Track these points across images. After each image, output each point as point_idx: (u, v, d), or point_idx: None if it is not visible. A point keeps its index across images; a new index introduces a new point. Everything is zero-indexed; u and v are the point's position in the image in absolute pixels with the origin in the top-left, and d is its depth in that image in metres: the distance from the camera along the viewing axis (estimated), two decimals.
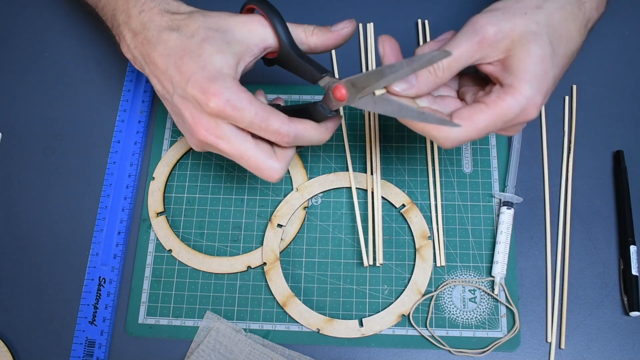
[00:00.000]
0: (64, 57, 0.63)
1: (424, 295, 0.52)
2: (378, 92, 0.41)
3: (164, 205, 0.56)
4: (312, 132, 0.45)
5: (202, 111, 0.42)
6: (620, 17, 0.62)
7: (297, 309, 0.51)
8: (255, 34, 0.45)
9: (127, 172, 0.57)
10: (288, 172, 0.56)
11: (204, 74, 0.41)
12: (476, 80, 0.45)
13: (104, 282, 0.53)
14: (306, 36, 0.47)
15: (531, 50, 0.39)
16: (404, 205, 0.54)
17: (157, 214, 0.55)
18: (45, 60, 0.63)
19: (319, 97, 0.59)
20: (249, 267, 0.53)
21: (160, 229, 0.55)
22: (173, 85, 0.43)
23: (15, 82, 0.62)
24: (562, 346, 0.50)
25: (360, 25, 0.63)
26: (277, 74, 0.61)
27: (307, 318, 0.51)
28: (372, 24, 0.62)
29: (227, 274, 0.53)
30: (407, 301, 0.51)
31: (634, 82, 0.59)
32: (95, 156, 0.58)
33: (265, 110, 0.42)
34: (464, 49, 0.39)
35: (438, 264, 0.53)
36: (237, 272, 0.53)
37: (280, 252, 0.54)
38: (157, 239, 0.55)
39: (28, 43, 0.64)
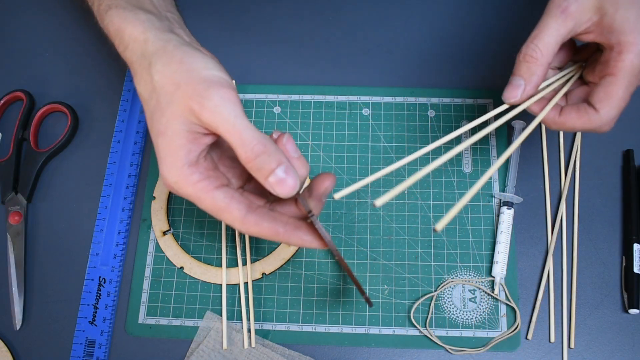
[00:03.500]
0: (64, 57, 0.63)
1: (423, 295, 0.52)
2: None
3: (168, 223, 0.55)
4: (272, 236, 0.39)
5: None
6: None
7: None
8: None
9: (127, 172, 0.57)
10: None
11: (162, 149, 0.38)
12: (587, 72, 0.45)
13: (104, 282, 0.53)
14: None
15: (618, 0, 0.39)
16: None
17: (163, 232, 0.55)
18: (45, 59, 0.63)
19: (319, 97, 0.60)
20: (263, 273, 0.53)
21: (169, 247, 0.54)
22: (150, 119, 0.39)
23: (15, 82, 0.62)
24: (572, 345, 0.50)
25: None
26: (278, 74, 0.62)
27: None
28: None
29: (243, 284, 0.53)
30: None
31: None
32: (95, 156, 0.59)
33: (215, 207, 0.38)
34: (552, 24, 0.40)
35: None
36: (253, 281, 0.53)
37: (292, 256, 0.54)
38: (165, 252, 0.55)
39: (28, 42, 0.64)
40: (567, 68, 0.46)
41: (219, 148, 0.42)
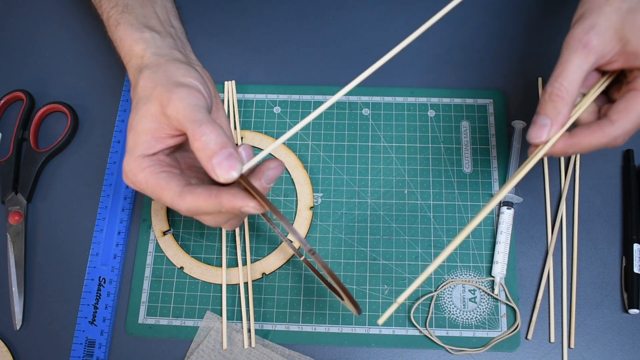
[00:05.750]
0: (64, 57, 0.63)
1: (423, 295, 0.52)
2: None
3: (168, 223, 0.55)
4: (205, 206, 0.38)
5: None
6: None
7: None
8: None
9: None
10: (289, 175, 0.56)
11: (129, 142, 0.41)
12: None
13: (104, 282, 0.53)
14: None
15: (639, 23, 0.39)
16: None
17: (163, 232, 0.55)
18: (45, 59, 0.63)
19: (319, 97, 0.60)
20: (263, 273, 0.53)
21: (169, 247, 0.54)
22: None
23: (15, 82, 0.62)
24: (572, 345, 0.50)
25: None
26: (278, 74, 0.62)
27: None
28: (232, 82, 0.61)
29: (243, 284, 0.53)
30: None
31: None
32: (95, 156, 0.59)
33: (158, 186, 0.39)
34: (575, 60, 0.40)
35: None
36: (253, 281, 0.53)
37: (292, 256, 0.54)
38: (165, 252, 0.55)
39: (28, 42, 0.64)
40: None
41: (189, 156, 0.44)
